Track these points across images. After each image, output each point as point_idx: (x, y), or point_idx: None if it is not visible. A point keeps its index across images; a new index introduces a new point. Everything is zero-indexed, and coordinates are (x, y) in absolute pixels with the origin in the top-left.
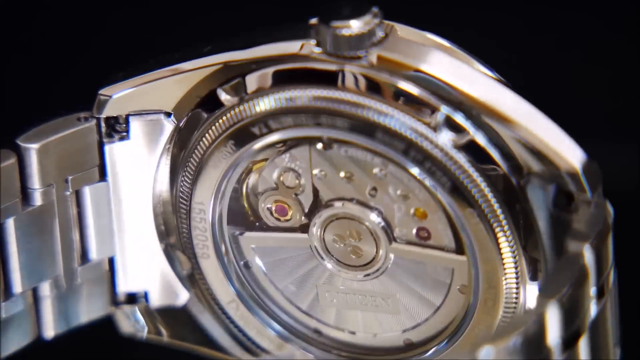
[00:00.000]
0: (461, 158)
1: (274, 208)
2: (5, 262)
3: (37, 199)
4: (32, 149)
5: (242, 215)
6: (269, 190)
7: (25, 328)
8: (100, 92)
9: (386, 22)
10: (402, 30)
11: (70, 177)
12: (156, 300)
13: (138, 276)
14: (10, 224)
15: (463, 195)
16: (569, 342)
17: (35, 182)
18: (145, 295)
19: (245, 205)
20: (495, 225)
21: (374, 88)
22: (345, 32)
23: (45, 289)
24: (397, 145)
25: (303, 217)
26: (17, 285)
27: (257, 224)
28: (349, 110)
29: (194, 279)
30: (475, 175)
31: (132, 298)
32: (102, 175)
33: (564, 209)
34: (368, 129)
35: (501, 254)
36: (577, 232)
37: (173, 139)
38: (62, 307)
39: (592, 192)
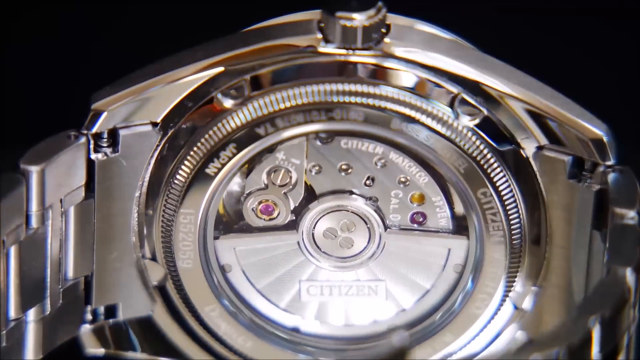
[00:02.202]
0: (476, 138)
1: (258, 208)
2: (7, 288)
3: (36, 222)
4: (33, 172)
5: (219, 218)
6: (256, 191)
7: (16, 356)
8: (93, 107)
9: None
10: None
11: (63, 197)
12: (125, 314)
13: (111, 291)
14: (13, 249)
15: (478, 175)
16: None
17: (36, 204)
18: (115, 310)
19: (222, 208)
20: (506, 202)
21: (388, 77)
22: (355, 24)
23: (31, 313)
24: (413, 132)
25: (290, 215)
26: (13, 311)
27: (236, 226)
28: (364, 102)
29: (164, 289)
30: (489, 154)
31: (103, 314)
32: (88, 192)
33: (581, 178)
34: (383, 118)
35: (511, 230)
36: (620, 200)
37: (160, 148)
38: (43, 331)
39: (616, 159)
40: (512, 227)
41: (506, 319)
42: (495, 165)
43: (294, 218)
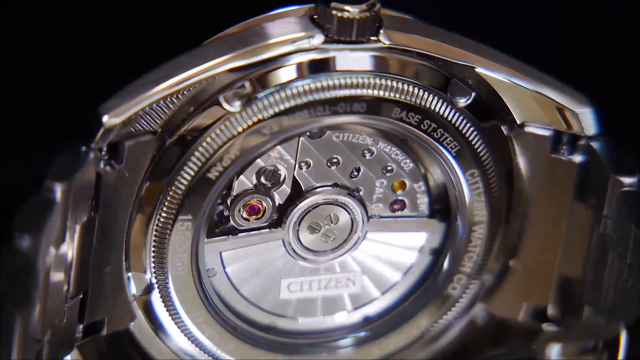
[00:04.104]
0: (468, 120)
1: (245, 209)
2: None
3: (61, 242)
4: (59, 191)
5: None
6: (244, 192)
7: None
8: (105, 120)
9: None
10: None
11: (78, 214)
12: (109, 328)
13: (101, 306)
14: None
15: (469, 156)
16: None
17: (62, 225)
18: (101, 325)
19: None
20: (490, 181)
21: (387, 67)
22: (352, 15)
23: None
24: (411, 119)
25: (275, 213)
26: (38, 333)
27: (221, 228)
28: (366, 93)
29: (148, 300)
30: (478, 135)
31: (89, 331)
32: (93, 206)
33: (563, 152)
34: (384, 108)
35: (491, 208)
36: (619, 167)
37: (160, 156)
38: (50, 352)
39: (598, 130)
40: (492, 205)
41: (473, 297)
42: (482, 145)
43: (280, 216)
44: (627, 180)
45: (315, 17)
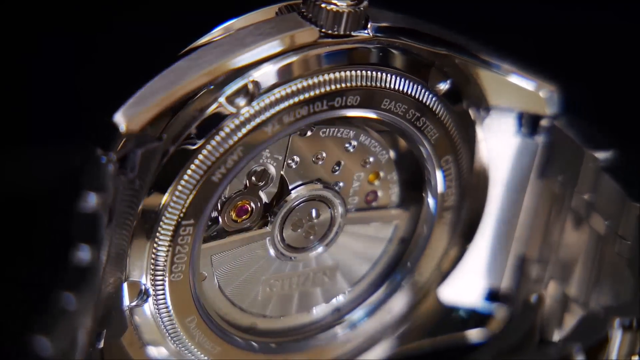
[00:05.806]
0: (444, 106)
1: (235, 211)
2: None
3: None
4: (96, 201)
5: None
6: (235, 193)
7: None
8: (124, 129)
9: None
10: None
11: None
12: (106, 339)
13: (102, 318)
14: None
15: (445, 142)
16: None
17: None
18: (98, 338)
19: None
20: (462, 167)
21: (379, 58)
22: (346, 9)
23: None
24: (398, 109)
25: (262, 212)
26: None
27: (206, 233)
28: (360, 84)
29: (139, 310)
30: (453, 122)
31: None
32: (109, 217)
33: (528, 132)
34: (377, 99)
35: (461, 194)
36: (593, 142)
37: (165, 162)
38: None
39: (561, 110)
40: (462, 190)
41: (431, 282)
42: (456, 130)
43: (266, 215)
44: (602, 155)
45: (304, 12)
